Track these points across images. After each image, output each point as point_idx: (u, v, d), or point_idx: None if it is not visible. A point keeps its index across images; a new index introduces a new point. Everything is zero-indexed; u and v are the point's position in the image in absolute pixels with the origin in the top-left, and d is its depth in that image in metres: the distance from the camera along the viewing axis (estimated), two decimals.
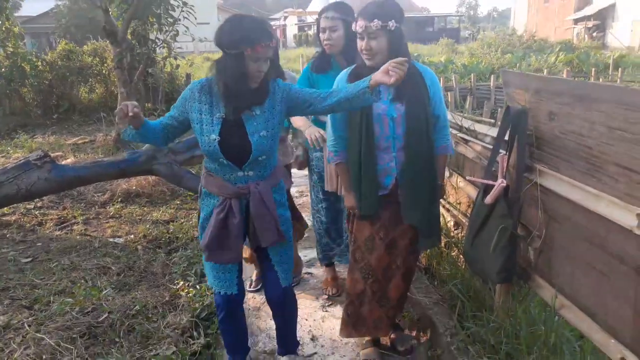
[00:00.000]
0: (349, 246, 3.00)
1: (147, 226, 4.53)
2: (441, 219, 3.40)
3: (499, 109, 6.55)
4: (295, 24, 47.23)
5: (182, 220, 4.68)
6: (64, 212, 5.03)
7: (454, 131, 3.11)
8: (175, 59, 8.87)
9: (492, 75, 12.98)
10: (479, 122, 3.22)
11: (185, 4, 7.43)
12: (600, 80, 12.22)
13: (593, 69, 13.82)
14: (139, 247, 4.12)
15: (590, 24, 30.36)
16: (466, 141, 2.97)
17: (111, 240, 4.30)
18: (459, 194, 3.20)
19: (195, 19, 7.20)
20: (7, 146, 8.10)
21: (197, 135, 2.11)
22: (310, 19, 46.03)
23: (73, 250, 4.07)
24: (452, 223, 3.27)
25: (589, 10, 30.62)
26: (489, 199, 2.18)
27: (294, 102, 2.14)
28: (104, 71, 11.01)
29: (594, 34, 29.82)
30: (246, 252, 3.03)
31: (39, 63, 10.53)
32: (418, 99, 2.21)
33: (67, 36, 19.58)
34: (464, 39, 39.96)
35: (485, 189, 2.26)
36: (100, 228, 4.63)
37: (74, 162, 6.34)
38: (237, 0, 70.95)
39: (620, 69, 14.86)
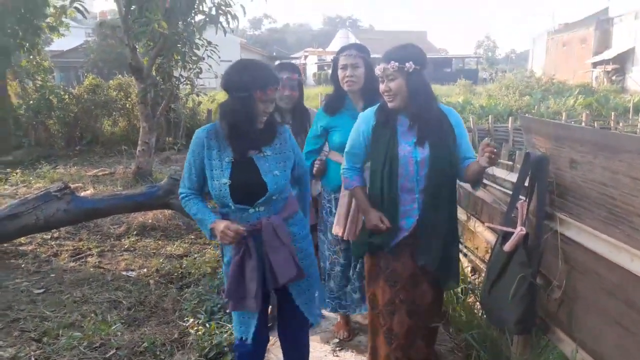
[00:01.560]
0: (364, 296, 2.94)
1: (161, 260, 4.52)
2: (459, 263, 3.35)
3: (517, 152, 6.48)
4: (315, 63, 48.17)
5: (196, 256, 4.66)
6: (79, 243, 5.06)
7: None
8: (198, 95, 9.07)
9: (510, 117, 12.97)
10: (497, 165, 3.18)
11: (209, 43, 7.64)
12: (620, 124, 12.13)
13: (612, 113, 13.73)
14: (151, 281, 4.10)
15: (609, 67, 30.37)
16: (484, 185, 2.93)
17: (124, 273, 4.30)
18: (476, 239, 3.14)
19: (219, 57, 7.38)
20: (29, 176, 8.26)
21: (209, 181, 2.13)
22: (329, 58, 46.80)
23: (86, 283, 4.06)
24: (469, 268, 3.19)
25: (608, 54, 30.69)
26: (507, 247, 2.12)
27: (295, 159, 2.26)
28: (127, 105, 11.31)
29: (613, 78, 29.77)
30: None
31: (66, 96, 10.86)
32: (442, 141, 2.22)
33: (95, 70, 20.22)
34: (482, 80, 40.20)
35: (504, 236, 2.21)
36: (114, 261, 4.64)
37: (92, 194, 6.43)
38: (260, 38, 72.95)
39: None
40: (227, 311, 2.27)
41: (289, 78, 2.99)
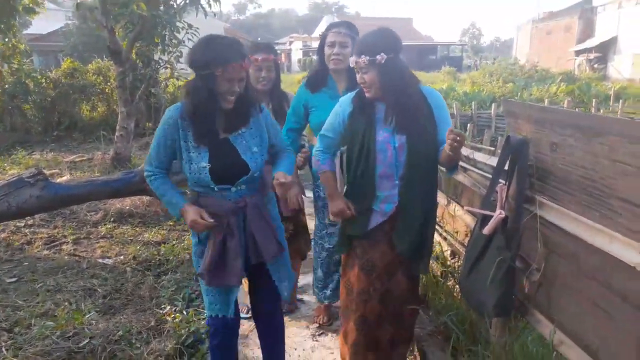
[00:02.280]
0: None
1: (138, 247, 4.43)
2: (438, 247, 3.32)
3: (499, 138, 6.50)
4: (300, 49, 47.86)
5: (174, 242, 4.58)
6: (54, 231, 4.94)
7: None
8: (178, 79, 8.88)
9: (494, 104, 13.02)
10: (478, 150, 3.14)
11: (190, 26, 7.47)
12: (601, 111, 12.24)
13: (594, 100, 13.85)
14: (128, 268, 4.01)
15: (592, 55, 30.66)
16: (465, 169, 2.90)
17: (100, 261, 4.20)
18: (456, 222, 3.11)
19: None
20: (3, 162, 8.05)
21: (184, 163, 2.06)
22: (315, 44, 46.55)
23: (60, 271, 3.96)
24: (448, 252, 3.17)
25: (590, 43, 30.97)
26: (486, 230, 2.09)
27: (269, 133, 2.24)
28: (106, 90, 11.05)
29: (595, 66, 30.08)
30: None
31: (43, 80, 10.58)
32: (420, 127, 2.18)
33: (75, 54, 19.77)
34: (467, 67, 40.32)
35: (483, 219, 2.17)
36: (90, 248, 4.53)
37: (68, 180, 6.28)
38: (245, 23, 72.07)
39: (621, 100, 14.91)
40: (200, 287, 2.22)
41: (264, 59, 2.86)
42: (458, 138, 1.94)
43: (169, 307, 3.32)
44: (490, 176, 2.58)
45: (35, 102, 10.41)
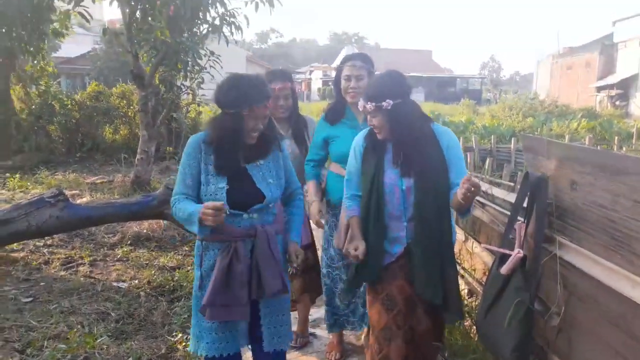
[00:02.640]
0: (364, 316, 2.86)
1: (153, 272, 4.44)
2: (458, 293, 3.26)
3: (519, 173, 6.43)
4: (320, 78, 48.52)
5: (189, 268, 4.58)
6: (72, 251, 4.99)
7: None
8: (199, 105, 9.05)
9: (513, 138, 12.94)
10: (497, 185, 3.11)
11: (212, 53, 7.64)
12: (624, 149, 12.07)
13: (616, 137, 13.69)
14: (142, 293, 4.02)
15: (613, 92, 30.44)
16: (483, 205, 2.87)
17: (115, 284, 4.21)
18: (474, 259, 3.06)
19: (222, 67, 7.38)
20: (27, 181, 8.22)
21: (202, 186, 2.11)
22: (334, 74, 47.12)
23: (75, 293, 3.98)
24: (466, 290, 3.11)
25: (612, 79, 30.80)
26: (504, 270, 2.05)
27: (285, 175, 2.27)
28: (129, 113, 11.30)
29: (617, 103, 29.82)
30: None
31: (69, 102, 10.86)
32: (428, 170, 2.18)
33: (101, 78, 20.34)
34: (486, 100, 40.33)
35: (502, 258, 2.14)
36: (105, 270, 4.56)
37: (88, 201, 6.37)
38: (266, 52, 73.49)
39: None
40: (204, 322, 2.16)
41: (281, 88, 2.94)
42: (473, 188, 1.90)
43: (180, 334, 3.30)
44: (508, 213, 2.55)
45: (60, 123, 10.67)
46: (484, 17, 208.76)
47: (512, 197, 2.62)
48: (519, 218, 2.18)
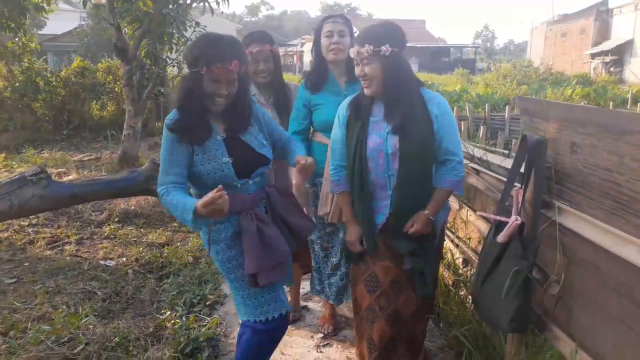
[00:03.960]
0: (346, 287, 2.77)
1: (141, 249, 4.34)
2: (449, 255, 3.18)
3: (514, 140, 6.32)
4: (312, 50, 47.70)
5: (178, 244, 4.48)
6: (58, 230, 4.87)
7: (465, 161, 2.89)
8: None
9: (507, 106, 12.81)
10: (492, 152, 3.00)
11: (198, 24, 7.38)
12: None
13: (611, 103, 13.56)
14: (130, 271, 3.92)
15: (607, 58, 30.15)
16: (477, 172, 2.75)
17: (102, 262, 4.11)
18: (468, 228, 2.96)
19: None
20: (12, 160, 8.04)
21: (201, 164, 1.94)
22: None
23: (61, 272, 3.88)
24: (461, 260, 3.02)
25: (606, 45, 30.47)
26: (501, 238, 1.94)
27: (269, 128, 2.17)
28: (116, 89, 11.03)
29: (612, 69, 29.57)
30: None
31: (53, 79, 10.58)
32: (415, 133, 2.03)
33: (88, 55, 19.91)
34: (479, 70, 39.99)
35: (498, 226, 2.03)
36: (92, 249, 4.45)
37: (73, 179, 6.22)
38: (257, 25, 72.18)
39: (639, 104, 14.56)
40: (250, 290, 2.06)
41: (259, 51, 2.73)
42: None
43: (169, 312, 3.21)
44: (504, 179, 2.44)
45: (45, 101, 10.42)
46: None
47: (508, 163, 2.50)
48: (515, 184, 2.06)
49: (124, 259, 4.19)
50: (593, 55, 31.73)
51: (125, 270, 3.94)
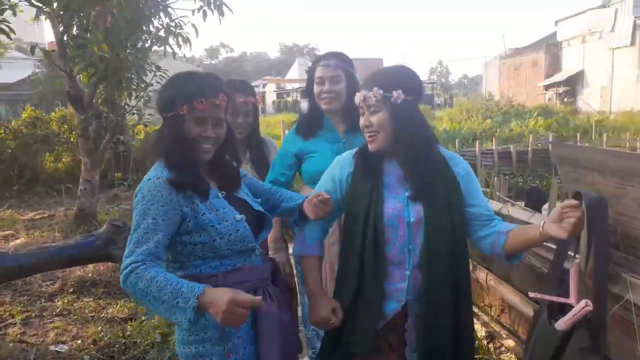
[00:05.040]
0: None
1: (100, 327, 3.73)
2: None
3: (495, 178, 6.06)
4: (274, 91, 48.12)
5: (143, 318, 3.88)
6: (1, 308, 4.20)
7: None
8: (146, 126, 8.26)
9: (477, 141, 12.82)
10: (503, 201, 2.63)
11: (159, 68, 6.94)
12: (587, 145, 12.05)
13: (578, 134, 13.79)
14: (86, 357, 3.31)
15: (560, 89, 31.33)
16: None
17: (52, 348, 3.48)
18: (488, 293, 2.55)
19: None
20: None
21: (208, 227, 1.52)
22: (289, 86, 47.21)
23: None
24: (483, 333, 2.59)
25: (559, 77, 31.71)
26: (563, 325, 1.54)
27: (252, 187, 1.81)
28: (72, 139, 10.37)
29: (565, 99, 30.70)
30: None
31: (1, 131, 9.86)
32: (442, 197, 1.65)
33: (44, 103, 19.12)
34: (437, 105, 40.93)
35: (551, 306, 1.63)
36: (41, 330, 3.81)
37: (24, 243, 5.57)
38: (217, 68, 72.44)
39: (605, 134, 14.77)
40: None
41: (244, 102, 2.39)
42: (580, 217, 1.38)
43: None
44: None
45: None
46: (430, 25, 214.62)
47: (537, 219, 2.13)
48: (569, 252, 1.68)
49: (79, 341, 3.57)
50: (546, 87, 32.94)
51: (81, 356, 3.34)
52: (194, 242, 1.52)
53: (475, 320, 2.70)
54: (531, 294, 1.54)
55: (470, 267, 2.71)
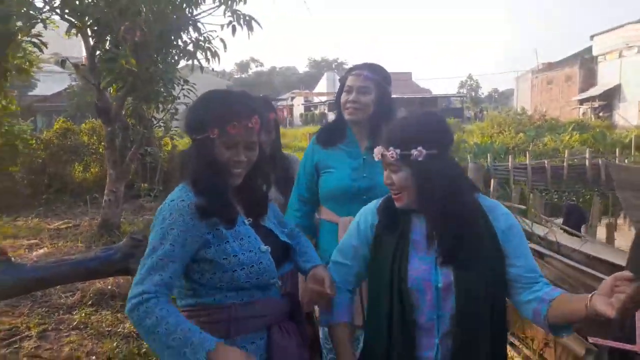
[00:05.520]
0: None
1: (116, 343, 3.62)
2: None
3: (531, 195, 5.77)
4: (302, 104, 48.42)
5: None
6: (18, 320, 4.13)
7: None
8: (172, 139, 8.25)
9: (510, 156, 12.46)
10: (553, 227, 2.39)
11: (187, 81, 6.93)
12: (626, 161, 11.54)
13: (617, 149, 13.25)
14: None
15: (596, 104, 30.53)
16: (541, 255, 2.14)
17: None
18: (531, 325, 2.31)
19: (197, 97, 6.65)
20: None
21: (230, 256, 1.39)
22: (317, 99, 47.44)
23: None
24: None
25: (594, 91, 30.92)
26: None
27: (279, 219, 1.67)
28: (100, 150, 10.49)
29: (600, 114, 29.88)
30: None
31: (33, 141, 10.03)
32: (476, 258, 1.44)
33: (78, 115, 19.70)
34: (468, 118, 40.41)
35: (610, 352, 1.40)
36: (57, 344, 3.72)
37: (46, 253, 5.55)
38: (247, 81, 73.43)
39: None
40: None
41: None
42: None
43: None
44: (580, 267, 1.83)
45: (23, 164, 9.82)
46: (460, 39, 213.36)
47: (589, 248, 1.90)
48: None
49: (94, 357, 3.46)
50: (581, 102, 32.11)
51: None
52: (213, 271, 1.39)
53: (515, 354, 2.45)
54: (591, 339, 1.31)
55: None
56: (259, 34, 6.39)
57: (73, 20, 5.73)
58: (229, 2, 5.86)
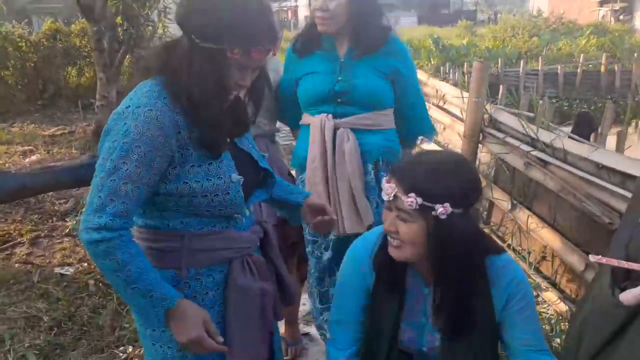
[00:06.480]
0: None
1: None
2: None
3: (541, 101, 5.47)
4: (306, 5, 46.21)
5: None
6: (11, 226, 4.10)
7: (525, 146, 2.08)
8: (160, 39, 7.75)
9: (522, 61, 11.86)
10: (564, 135, 2.19)
11: None
12: None
13: (635, 54, 12.55)
14: (91, 282, 3.18)
15: (617, 6, 28.77)
16: (545, 163, 1.96)
17: (57, 271, 3.37)
18: (528, 238, 2.19)
19: None
20: None
21: (197, 182, 1.20)
22: None
23: (4, 287, 3.14)
24: None
25: None
26: (630, 299, 1.17)
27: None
28: (92, 53, 10.06)
29: (621, 17, 28.26)
30: None
31: (23, 43, 9.59)
32: (467, 330, 1.30)
33: (77, 15, 18.82)
34: (480, 22, 38.51)
35: (614, 272, 1.26)
36: (49, 251, 3.70)
37: (34, 161, 5.46)
38: None
39: None
40: None
41: None
42: None
43: (131, 347, 2.49)
44: (590, 177, 1.66)
45: (15, 68, 9.47)
46: None
47: (599, 156, 1.70)
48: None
49: (86, 264, 3.44)
50: (601, 3, 30.28)
51: (85, 280, 3.21)
52: (169, 193, 1.19)
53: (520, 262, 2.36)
54: (592, 258, 1.17)
55: (509, 207, 2.34)
56: None
57: None
58: None
